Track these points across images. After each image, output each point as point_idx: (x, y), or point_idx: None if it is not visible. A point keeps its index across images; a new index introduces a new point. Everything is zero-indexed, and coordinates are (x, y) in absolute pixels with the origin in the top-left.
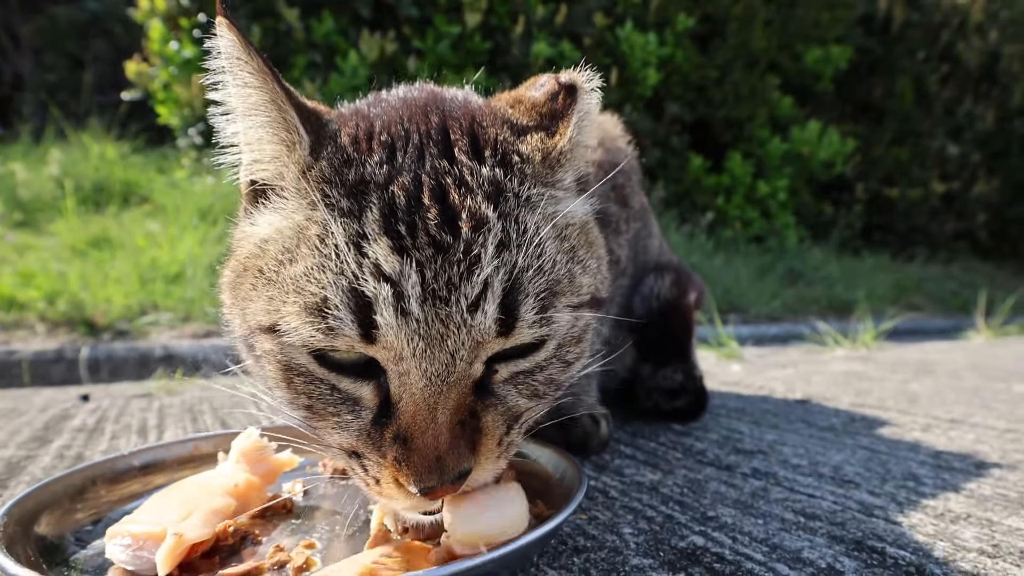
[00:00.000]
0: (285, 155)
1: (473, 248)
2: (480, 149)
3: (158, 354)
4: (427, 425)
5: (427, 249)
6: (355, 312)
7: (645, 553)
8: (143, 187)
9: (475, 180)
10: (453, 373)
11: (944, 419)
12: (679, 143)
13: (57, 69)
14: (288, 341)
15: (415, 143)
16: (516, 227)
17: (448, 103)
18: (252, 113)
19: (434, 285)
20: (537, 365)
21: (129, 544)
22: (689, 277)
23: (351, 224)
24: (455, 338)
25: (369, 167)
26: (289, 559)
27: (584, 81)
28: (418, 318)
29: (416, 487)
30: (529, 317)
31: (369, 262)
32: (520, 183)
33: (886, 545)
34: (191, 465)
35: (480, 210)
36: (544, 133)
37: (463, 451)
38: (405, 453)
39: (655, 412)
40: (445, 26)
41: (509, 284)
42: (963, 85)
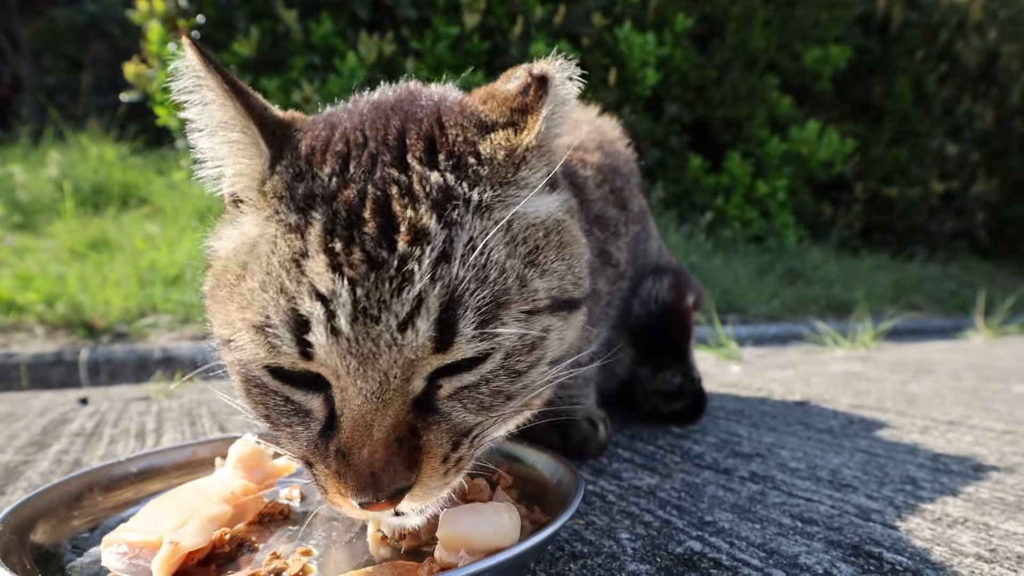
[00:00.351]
0: (247, 169)
1: (408, 263)
2: (435, 153)
3: (157, 356)
4: (363, 441)
5: (361, 266)
6: (293, 331)
7: (642, 559)
8: (142, 189)
9: (423, 188)
10: (388, 391)
11: (943, 421)
12: (678, 143)
13: (56, 71)
14: (241, 356)
15: (370, 151)
16: (461, 236)
17: (417, 104)
18: (217, 130)
19: (365, 303)
20: (483, 378)
21: (125, 552)
22: (687, 279)
23: (295, 240)
24: (386, 356)
25: (319, 180)
26: (286, 566)
27: (557, 71)
28: (348, 337)
29: (355, 500)
30: (468, 332)
31: (306, 280)
32: (472, 186)
33: (883, 550)
34: (188, 471)
35: (421, 221)
36: (512, 129)
37: (399, 469)
38: (344, 466)
39: (653, 415)
40: (444, 27)
41: (447, 299)
42: (962, 84)
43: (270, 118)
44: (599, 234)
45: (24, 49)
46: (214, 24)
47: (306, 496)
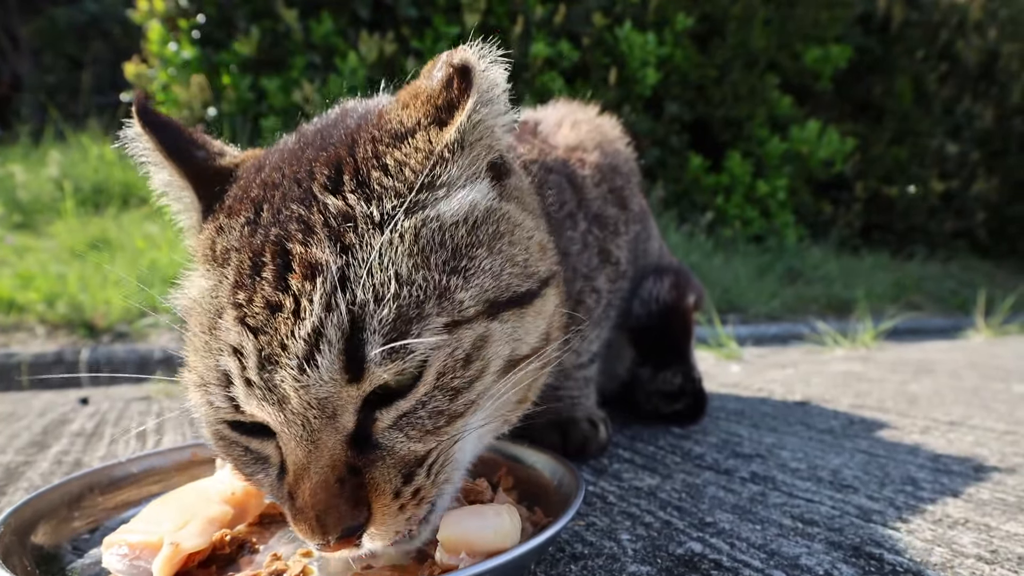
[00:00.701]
0: (193, 224)
1: (301, 300)
2: (339, 177)
3: (157, 356)
4: (303, 485)
5: (262, 313)
6: (222, 387)
7: (643, 560)
8: (142, 188)
9: (321, 218)
10: (312, 431)
11: (943, 421)
12: (678, 143)
13: (56, 70)
14: (198, 413)
15: (282, 191)
16: (359, 256)
17: (339, 126)
18: (168, 188)
19: (268, 351)
20: (419, 401)
21: (126, 553)
22: (688, 279)
23: (214, 298)
24: (296, 399)
25: (234, 231)
26: (286, 568)
27: (478, 59)
28: (260, 386)
29: (310, 543)
30: (376, 356)
31: (223, 336)
32: (371, 202)
33: (884, 551)
34: (189, 472)
35: (312, 254)
36: (436, 128)
37: (344, 509)
38: (294, 511)
39: (654, 415)
40: (444, 27)
41: (347, 326)
42: (962, 84)
43: (210, 170)
44: (598, 233)
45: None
46: (214, 23)
47: None
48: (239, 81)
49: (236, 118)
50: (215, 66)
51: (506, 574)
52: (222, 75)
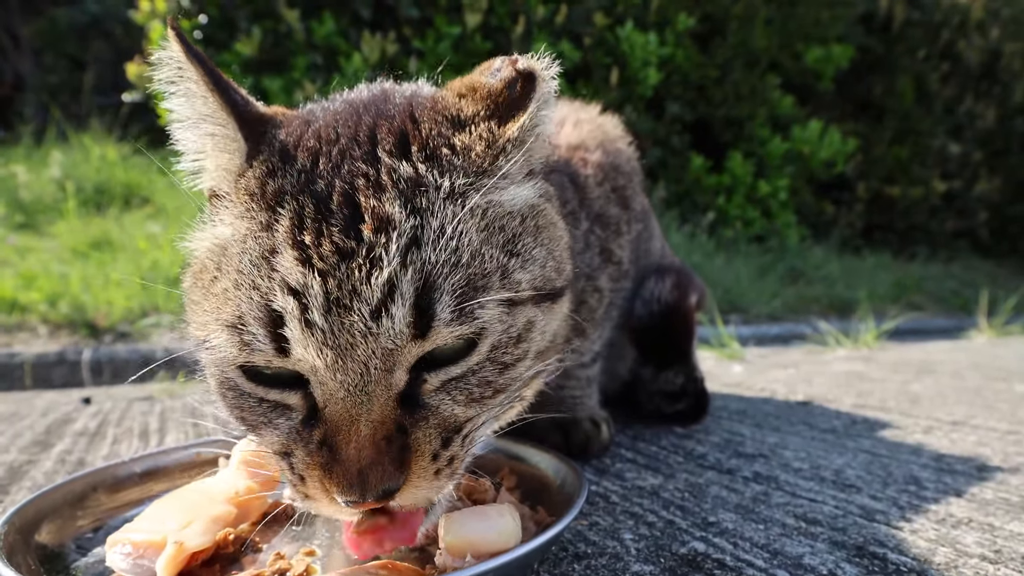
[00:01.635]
0: (226, 163)
1: (375, 250)
2: (406, 146)
3: (160, 356)
4: (350, 437)
5: (331, 257)
6: (267, 327)
7: (646, 559)
8: (144, 189)
9: (390, 178)
10: (370, 383)
11: (946, 421)
12: (679, 143)
13: (58, 71)
14: (215, 356)
15: (340, 147)
16: (431, 222)
17: (390, 101)
18: (198, 122)
19: (337, 294)
20: (469, 369)
21: (130, 552)
22: (690, 279)
23: (265, 237)
24: (363, 346)
25: (289, 176)
26: (289, 567)
27: (543, 69)
28: (323, 329)
29: (341, 498)
30: (445, 316)
31: (278, 276)
32: (444, 175)
33: (887, 551)
34: (192, 471)
35: (385, 210)
36: (495, 121)
37: (388, 468)
38: (330, 459)
39: (656, 415)
40: (446, 27)
41: (421, 283)
42: (964, 83)
43: (251, 113)
44: (600, 232)
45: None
46: (216, 24)
47: None
48: (241, 81)
49: None
50: (217, 66)
51: (511, 572)
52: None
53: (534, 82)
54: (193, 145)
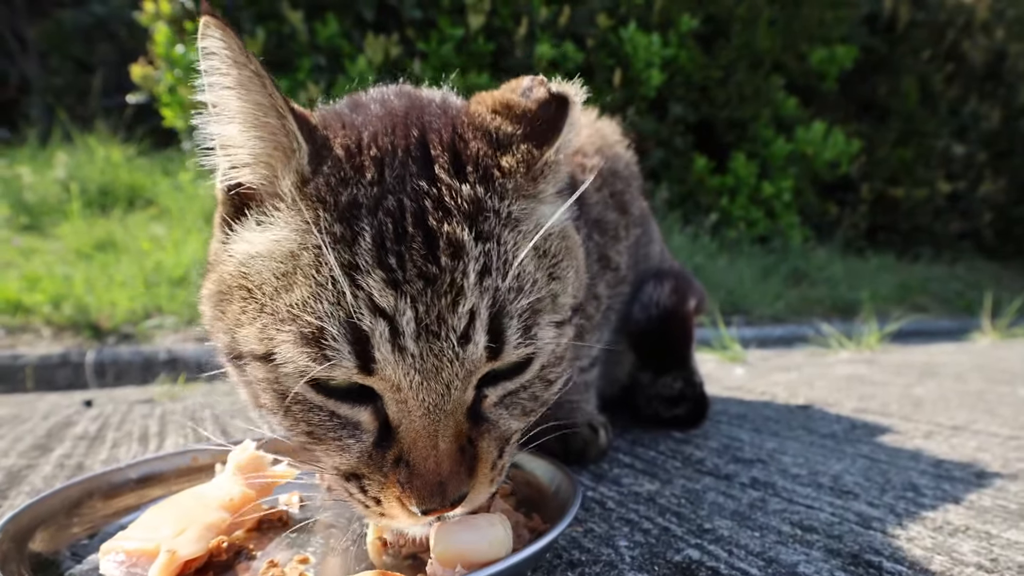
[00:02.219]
0: (281, 164)
1: (456, 278)
2: (461, 165)
3: (162, 358)
4: (428, 452)
5: (417, 282)
6: (352, 345)
7: (640, 567)
8: (148, 190)
9: (454, 201)
10: (449, 402)
11: (947, 425)
12: (683, 144)
13: (63, 73)
14: (284, 371)
15: (399, 159)
16: (497, 249)
17: (427, 111)
18: (248, 117)
19: (426, 320)
20: (522, 385)
21: (123, 560)
22: (689, 283)
23: (343, 253)
24: (449, 370)
25: (362, 188)
26: (283, 574)
27: (575, 94)
28: (413, 353)
29: (419, 508)
30: (514, 339)
31: (364, 295)
32: (501, 199)
33: (883, 559)
34: (189, 477)
35: (457, 235)
36: (531, 144)
37: (463, 476)
38: (408, 476)
39: (655, 420)
40: (449, 28)
41: (495, 310)
42: (968, 84)
43: (301, 112)
44: (598, 238)
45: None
46: None
47: (305, 503)
48: None
49: None
50: None
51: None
52: None
53: (567, 106)
54: (235, 141)
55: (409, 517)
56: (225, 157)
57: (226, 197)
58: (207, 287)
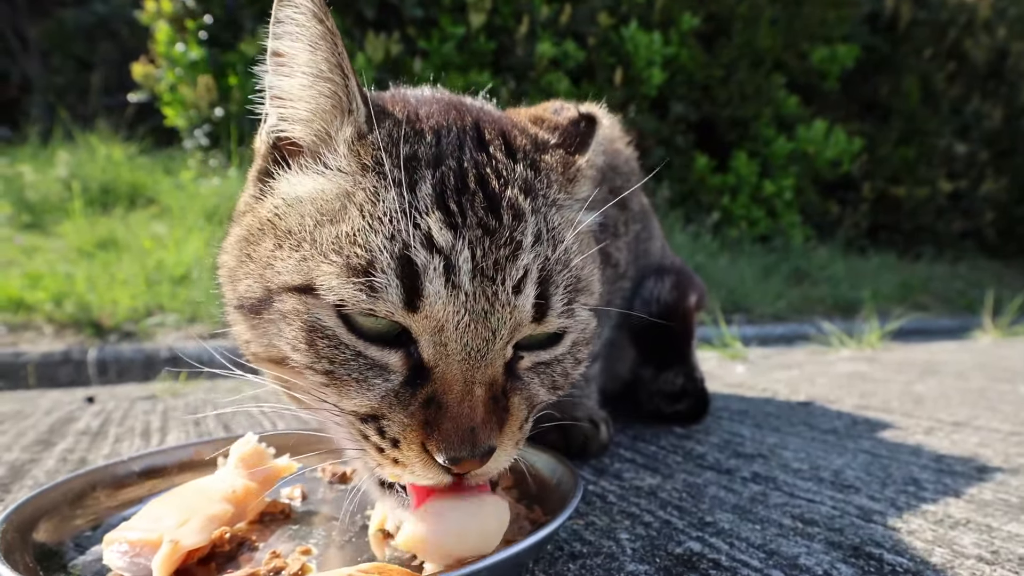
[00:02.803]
0: (338, 120)
1: (515, 235)
2: (513, 150)
3: (164, 355)
4: (463, 395)
5: (476, 229)
6: (401, 278)
7: (641, 559)
8: (150, 189)
9: (511, 175)
10: (491, 350)
11: (948, 422)
12: (684, 143)
13: (65, 71)
14: (323, 300)
15: (456, 134)
16: (546, 224)
17: (473, 108)
18: (315, 71)
19: (483, 264)
20: (555, 358)
21: (126, 551)
22: (690, 279)
23: (403, 194)
24: (498, 316)
25: (421, 147)
26: (285, 565)
27: (602, 114)
28: (467, 292)
29: (446, 454)
30: (558, 307)
31: (420, 232)
32: (548, 186)
33: (884, 551)
34: (191, 470)
35: (518, 201)
36: (565, 151)
37: (494, 426)
38: (437, 417)
39: (656, 415)
40: (450, 27)
41: (544, 274)
42: (970, 83)
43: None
44: (598, 235)
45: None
46: (221, 24)
47: (307, 496)
48: (246, 81)
49: (243, 118)
50: (222, 66)
51: (504, 572)
52: (229, 75)
53: (595, 124)
54: (295, 94)
55: (427, 465)
56: (278, 108)
57: (269, 150)
58: (231, 238)
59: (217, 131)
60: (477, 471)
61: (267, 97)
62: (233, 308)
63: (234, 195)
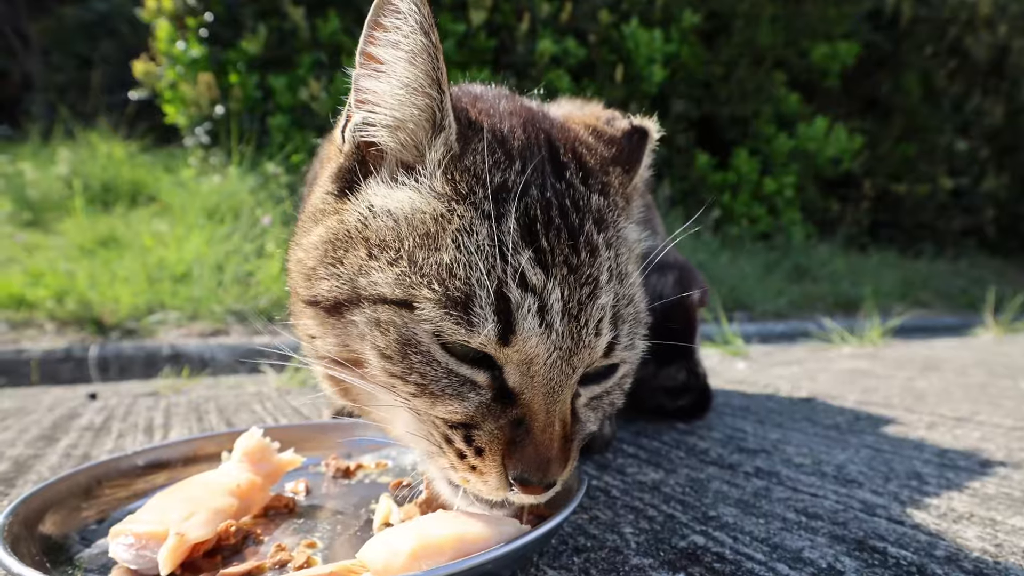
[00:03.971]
0: (429, 134)
1: (593, 273)
2: (586, 176)
3: (165, 353)
4: (546, 426)
5: (563, 267)
6: (498, 314)
7: (645, 553)
8: (150, 187)
9: (587, 206)
10: (568, 385)
11: (950, 417)
12: (685, 140)
13: (65, 69)
14: (421, 325)
15: (536, 157)
16: (616, 259)
17: (539, 117)
18: (413, 83)
19: (570, 304)
20: (606, 390)
21: (132, 543)
22: (692, 275)
23: (494, 227)
24: (580, 355)
25: (511, 174)
26: (290, 558)
27: (653, 128)
28: (558, 331)
29: (518, 473)
30: (624, 341)
31: (513, 270)
32: (616, 215)
33: (888, 545)
34: (195, 464)
35: (593, 237)
36: (621, 168)
37: (562, 464)
38: (524, 440)
39: (659, 411)
40: (450, 24)
41: (616, 312)
42: (971, 80)
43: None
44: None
45: (34, 47)
46: (222, 22)
47: (311, 490)
48: (246, 79)
49: (243, 116)
50: (222, 64)
51: (509, 564)
52: (229, 73)
53: (646, 138)
54: (388, 101)
55: (499, 479)
56: (367, 112)
57: (353, 149)
58: (312, 238)
59: (218, 129)
60: (530, 499)
61: (353, 97)
62: (304, 304)
63: (235, 193)
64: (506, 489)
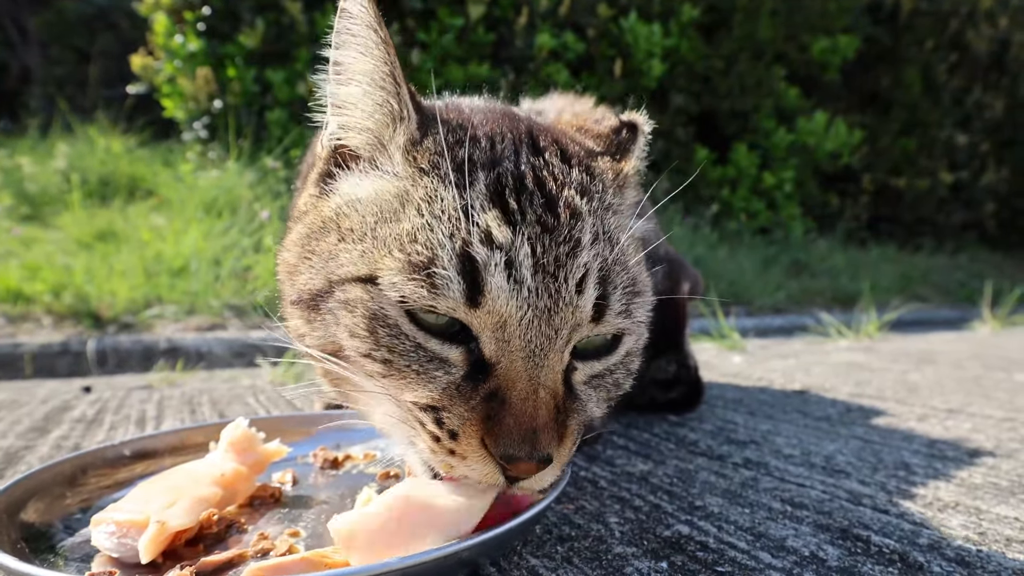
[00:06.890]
0: (391, 127)
1: (574, 233)
2: (568, 156)
3: (163, 347)
4: (527, 394)
5: (535, 226)
6: (463, 275)
7: (629, 542)
8: (148, 181)
9: (567, 178)
10: (553, 349)
11: (942, 408)
12: (684, 135)
13: (64, 63)
14: (385, 294)
15: (511, 140)
16: (603, 226)
17: (527, 118)
18: (370, 81)
19: (544, 260)
20: (608, 368)
21: (113, 531)
22: (682, 267)
23: (460, 194)
24: (561, 314)
25: (477, 151)
26: (273, 547)
27: (643, 122)
28: (529, 287)
29: (503, 450)
30: (616, 307)
31: (479, 230)
32: (603, 191)
33: (871, 533)
34: (182, 454)
35: (575, 201)
36: (611, 158)
37: (554, 435)
38: (500, 412)
39: (650, 404)
40: (449, 18)
41: (603, 273)
42: (972, 74)
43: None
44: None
45: (33, 40)
46: (220, 15)
47: (298, 480)
48: (244, 73)
49: (241, 110)
50: (220, 58)
51: (487, 551)
52: (227, 67)
53: (636, 131)
54: (351, 100)
55: (483, 460)
56: (337, 116)
57: (330, 155)
58: (292, 236)
59: (216, 123)
60: (527, 479)
61: (327, 105)
62: (290, 304)
63: (233, 187)
64: (497, 472)
